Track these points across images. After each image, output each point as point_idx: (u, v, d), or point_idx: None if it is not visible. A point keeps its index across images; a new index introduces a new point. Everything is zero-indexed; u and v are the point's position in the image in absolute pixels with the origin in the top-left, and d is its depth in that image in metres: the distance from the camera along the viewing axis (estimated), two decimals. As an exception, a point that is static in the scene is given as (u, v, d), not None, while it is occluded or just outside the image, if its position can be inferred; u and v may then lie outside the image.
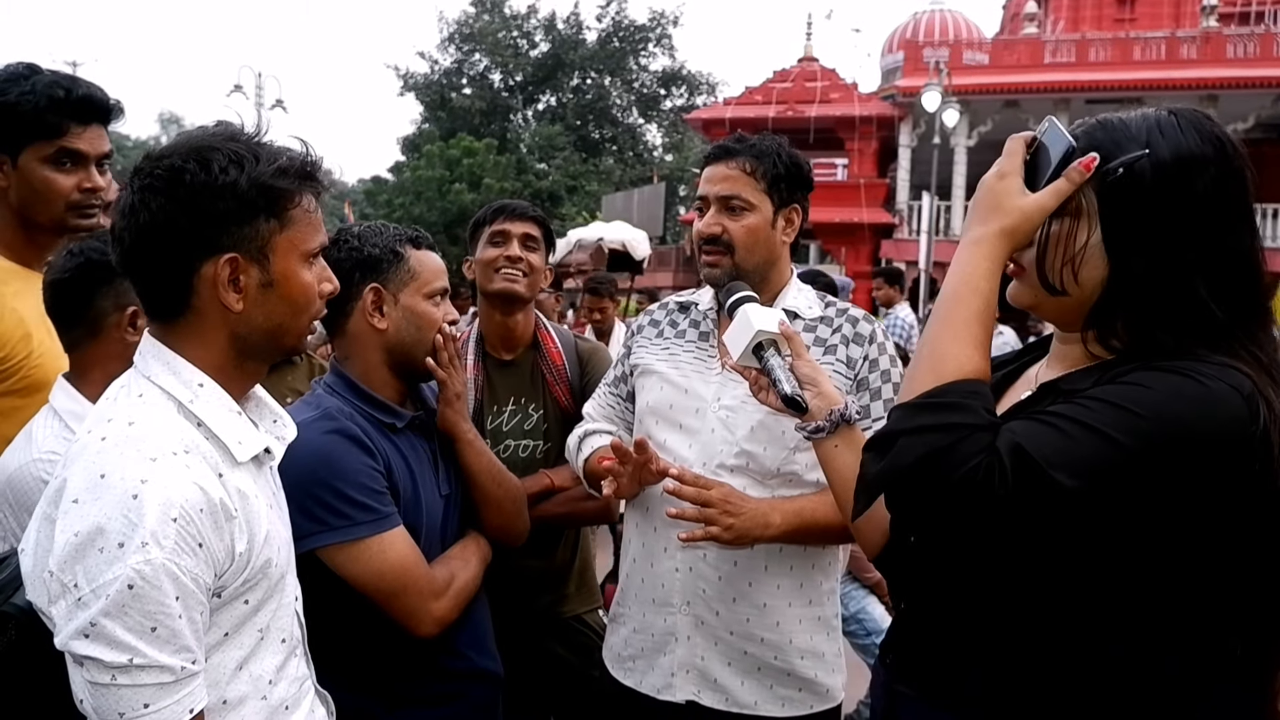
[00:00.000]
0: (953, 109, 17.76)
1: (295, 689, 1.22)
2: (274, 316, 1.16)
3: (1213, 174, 1.02)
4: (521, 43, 33.57)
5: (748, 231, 1.77)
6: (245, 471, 1.14)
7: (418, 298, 1.70)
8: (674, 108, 33.97)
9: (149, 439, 1.05)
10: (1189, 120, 1.05)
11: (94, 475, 1.02)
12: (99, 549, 0.98)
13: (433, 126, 32.87)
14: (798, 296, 1.85)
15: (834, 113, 21.72)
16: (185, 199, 1.08)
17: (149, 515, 0.99)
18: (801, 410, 1.41)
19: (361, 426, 1.61)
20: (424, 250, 1.74)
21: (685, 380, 1.82)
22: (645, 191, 23.61)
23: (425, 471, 1.72)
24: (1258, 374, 0.98)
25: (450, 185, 27.78)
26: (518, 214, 2.28)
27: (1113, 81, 18.60)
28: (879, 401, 1.75)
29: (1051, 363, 1.21)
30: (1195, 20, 20.82)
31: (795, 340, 1.48)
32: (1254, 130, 19.21)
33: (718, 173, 1.80)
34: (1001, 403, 1.22)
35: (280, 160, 1.13)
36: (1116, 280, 1.05)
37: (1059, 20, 22.69)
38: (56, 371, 1.67)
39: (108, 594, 0.97)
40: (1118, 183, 1.04)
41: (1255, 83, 18.46)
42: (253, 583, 1.12)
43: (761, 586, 1.74)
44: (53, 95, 1.65)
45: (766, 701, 1.75)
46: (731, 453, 1.73)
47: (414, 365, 1.70)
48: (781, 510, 1.65)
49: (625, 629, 1.88)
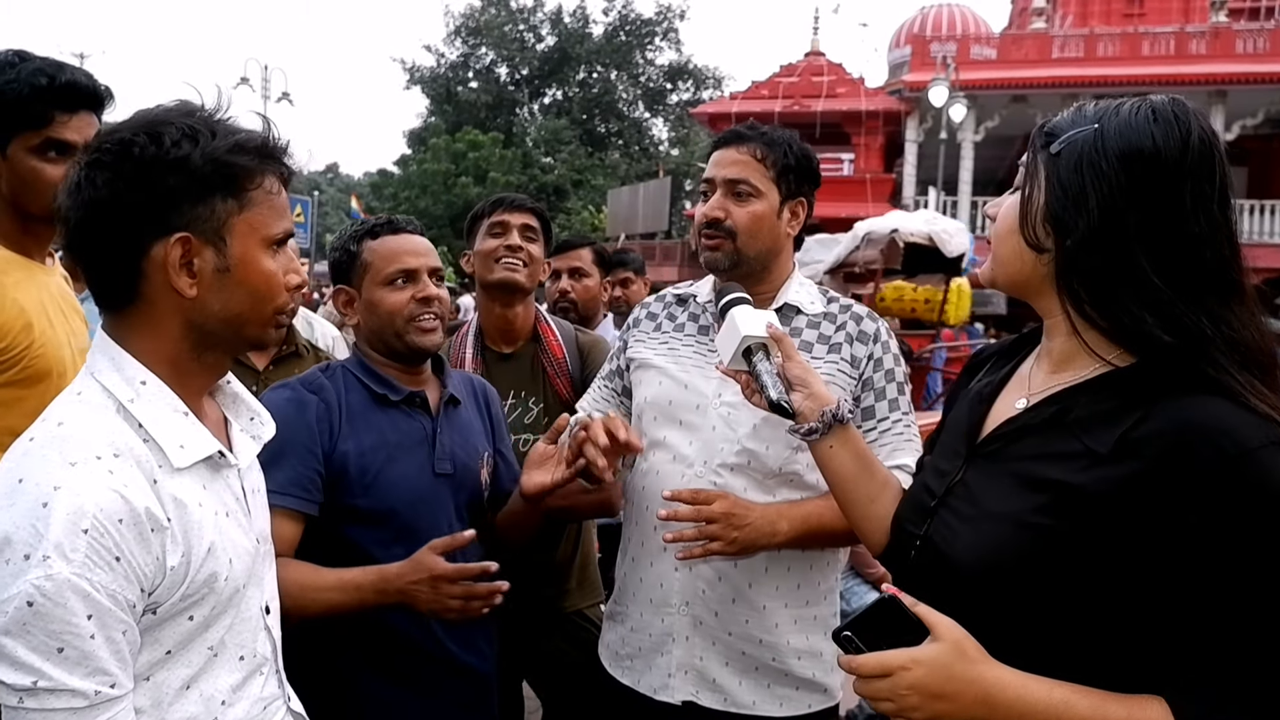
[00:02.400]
0: (960, 104, 17.70)
1: (258, 710, 1.12)
2: (232, 305, 1.06)
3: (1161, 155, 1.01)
4: (528, 36, 33.54)
5: (752, 218, 1.73)
6: (190, 477, 1.04)
7: (374, 288, 1.76)
8: (680, 102, 33.92)
9: (72, 440, 0.97)
10: (1151, 105, 1.05)
11: (13, 479, 0.95)
12: (5, 560, 0.90)
13: (439, 120, 32.89)
14: (799, 291, 1.81)
15: (840, 107, 21.66)
16: (132, 174, 1.00)
17: (55, 526, 0.90)
18: (789, 415, 1.39)
19: (339, 391, 1.71)
20: (380, 237, 1.77)
21: (685, 375, 1.79)
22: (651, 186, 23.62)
23: (415, 449, 1.73)
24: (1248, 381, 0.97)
25: (456, 179, 27.80)
26: (516, 205, 2.27)
27: (1121, 77, 18.50)
28: (884, 401, 1.72)
29: (1041, 359, 1.18)
30: (1204, 15, 20.71)
31: (785, 342, 1.44)
32: (1263, 125, 19.12)
33: (727, 156, 1.76)
34: (995, 409, 1.20)
35: (239, 136, 1.05)
36: (1061, 244, 1.06)
37: (1067, 15, 22.58)
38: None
39: (7, 611, 0.89)
40: (1060, 153, 1.06)
41: (1264, 78, 18.35)
42: (196, 598, 1.03)
43: (760, 588, 1.73)
44: (36, 83, 1.59)
45: (764, 701, 1.73)
46: (733, 451, 1.70)
47: (393, 346, 1.75)
48: (789, 518, 1.62)
49: (622, 627, 1.86)
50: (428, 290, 1.74)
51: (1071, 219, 1.04)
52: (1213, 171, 1.02)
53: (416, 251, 1.77)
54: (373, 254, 1.76)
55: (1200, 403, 0.97)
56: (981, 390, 1.25)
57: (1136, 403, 1.00)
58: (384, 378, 1.75)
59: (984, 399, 1.23)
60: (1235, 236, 1.04)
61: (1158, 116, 1.04)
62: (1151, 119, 1.03)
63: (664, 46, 34.04)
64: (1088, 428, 1.03)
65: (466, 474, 1.79)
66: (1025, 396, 1.15)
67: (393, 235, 1.78)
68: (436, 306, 1.76)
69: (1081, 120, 1.08)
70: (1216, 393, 0.97)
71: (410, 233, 1.80)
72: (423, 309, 1.73)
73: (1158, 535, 0.96)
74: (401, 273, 1.74)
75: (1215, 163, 1.03)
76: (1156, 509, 0.95)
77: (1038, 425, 1.10)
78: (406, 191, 29.58)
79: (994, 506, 1.09)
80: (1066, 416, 1.06)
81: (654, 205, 22.09)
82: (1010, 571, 1.04)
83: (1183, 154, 1.01)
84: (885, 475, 1.39)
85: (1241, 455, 0.92)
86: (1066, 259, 1.06)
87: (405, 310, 1.72)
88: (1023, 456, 1.09)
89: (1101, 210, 1.02)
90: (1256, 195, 19.30)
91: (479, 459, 1.83)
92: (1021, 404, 1.15)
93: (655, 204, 22.09)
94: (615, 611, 1.90)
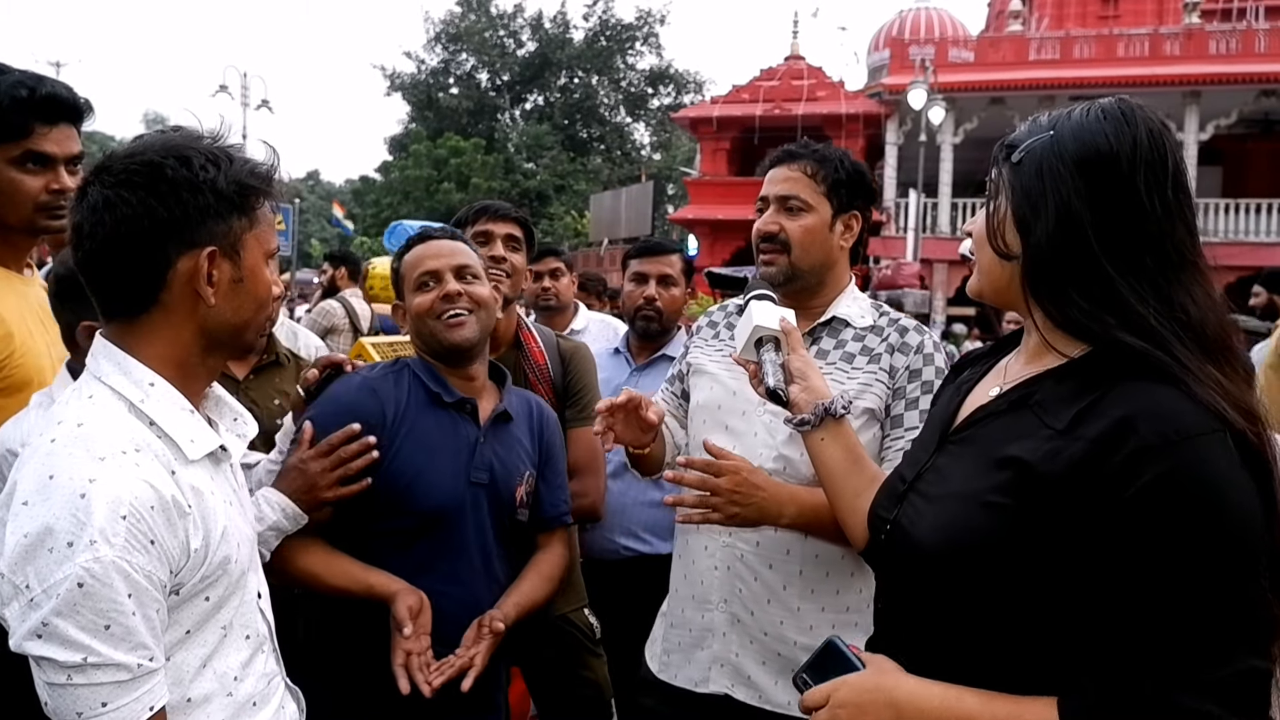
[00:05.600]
0: (939, 106, 17.82)
1: (263, 685, 1.23)
2: (241, 312, 1.19)
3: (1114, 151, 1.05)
4: (508, 42, 33.54)
5: (805, 231, 1.79)
6: (200, 469, 1.15)
7: (409, 295, 1.85)
8: (661, 106, 34.00)
9: (97, 439, 1.06)
10: (1101, 107, 1.09)
11: (43, 477, 1.02)
12: (49, 549, 0.99)
13: (420, 126, 32.82)
14: (851, 305, 1.85)
15: (821, 110, 21.76)
16: (168, 193, 1.10)
17: (97, 514, 1.00)
18: (780, 403, 1.46)
19: (406, 386, 1.80)
20: (412, 250, 1.89)
21: (735, 382, 1.83)
22: (634, 190, 23.64)
23: (457, 451, 1.77)
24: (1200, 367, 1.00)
25: (438, 185, 27.76)
26: (500, 214, 2.28)
27: (1097, 78, 18.68)
28: (915, 411, 1.73)
29: (1019, 354, 1.22)
30: (1178, 17, 20.95)
31: (793, 335, 1.51)
32: (1236, 125, 19.35)
33: (779, 174, 1.83)
34: (970, 398, 1.23)
35: (251, 162, 1.19)
36: (1025, 246, 1.10)
37: (1043, 18, 22.80)
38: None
39: (58, 593, 0.98)
40: (1020, 161, 1.11)
41: (1238, 78, 18.58)
42: (212, 579, 1.13)
43: (795, 591, 1.75)
44: (16, 95, 1.61)
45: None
46: (770, 456, 1.75)
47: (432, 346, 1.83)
48: (799, 502, 1.64)
49: (666, 624, 1.92)
50: (448, 287, 1.80)
51: (1032, 220, 1.08)
52: (1165, 159, 1.06)
53: (439, 254, 1.84)
54: (405, 266, 1.87)
55: (1148, 389, 0.99)
56: (960, 384, 1.29)
57: (1094, 385, 1.04)
58: (441, 379, 1.81)
59: (961, 391, 1.26)
60: (1192, 220, 1.07)
61: (1107, 116, 1.08)
62: (1102, 118, 1.08)
63: (645, 51, 34.16)
64: (1047, 408, 1.07)
65: (502, 487, 1.81)
66: (999, 386, 1.19)
67: (421, 244, 1.88)
68: (464, 301, 1.80)
69: (1037, 130, 1.12)
70: (1166, 381, 0.99)
71: (439, 238, 1.88)
72: (448, 305, 1.79)
73: (1094, 516, 0.98)
74: (427, 275, 1.82)
75: (1165, 151, 1.06)
76: (1096, 488, 0.98)
77: (1005, 410, 1.13)
78: (388, 198, 29.52)
79: (958, 486, 1.12)
80: (1030, 399, 1.10)
81: (637, 209, 22.11)
82: (969, 550, 1.07)
83: (1134, 148, 1.05)
84: (875, 473, 1.42)
85: (1182, 440, 0.95)
86: (1030, 259, 1.10)
87: (433, 310, 1.79)
88: (989, 438, 1.13)
89: (1059, 207, 1.06)
90: (1231, 194, 19.54)
91: (518, 476, 1.85)
92: (994, 392, 1.18)
93: (638, 208, 22.11)
94: (665, 610, 1.95)
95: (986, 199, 1.16)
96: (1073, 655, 1.02)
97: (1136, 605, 0.96)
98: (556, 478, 1.97)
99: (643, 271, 3.01)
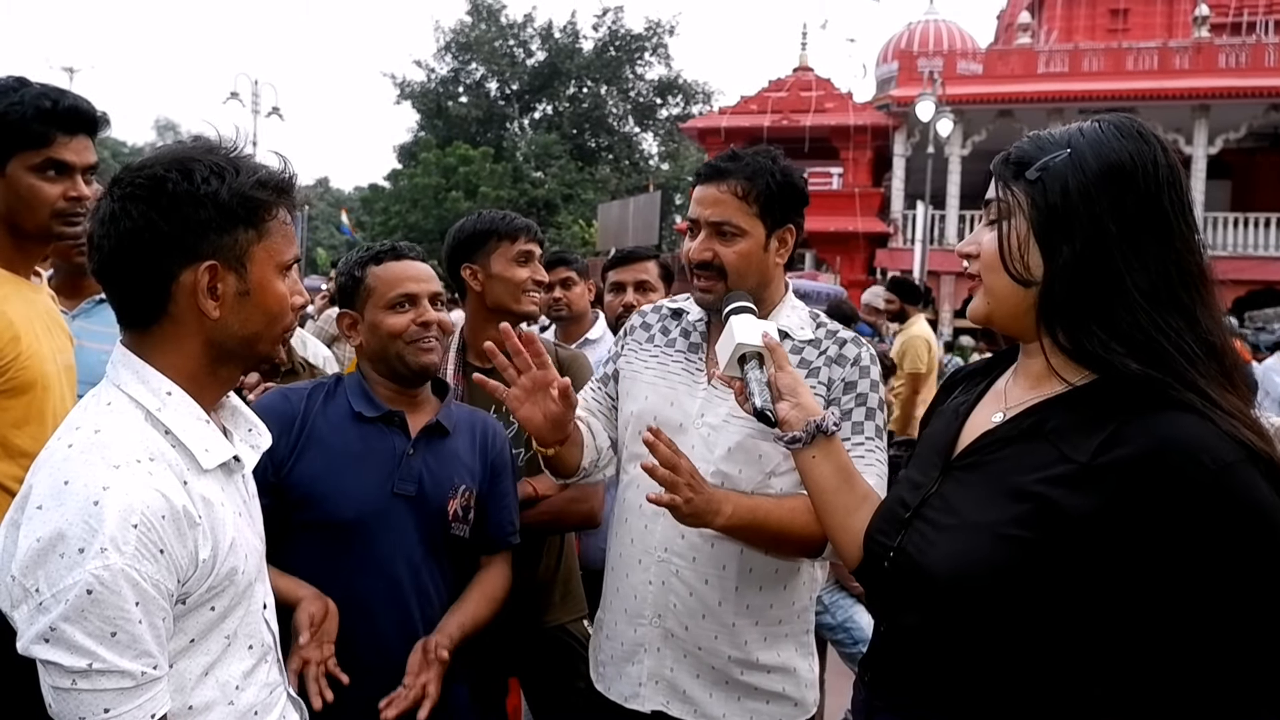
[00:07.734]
0: (947, 118, 17.82)
1: (265, 695, 1.23)
2: (249, 325, 1.18)
3: (1139, 168, 1.04)
4: (518, 51, 33.66)
5: (740, 257, 1.73)
6: (212, 479, 1.15)
7: (377, 311, 1.85)
8: (670, 117, 34.04)
9: (113, 446, 1.06)
10: (1113, 123, 1.08)
11: (58, 482, 1.03)
12: (60, 554, 1.00)
13: (429, 135, 32.93)
14: (790, 316, 1.81)
15: (829, 122, 21.80)
16: (168, 206, 1.10)
17: (109, 521, 1.00)
18: (770, 423, 1.42)
19: (316, 403, 1.82)
20: (384, 263, 1.87)
21: (672, 392, 1.80)
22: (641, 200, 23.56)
23: (380, 462, 1.78)
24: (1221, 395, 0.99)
25: (446, 193, 27.83)
26: (536, 235, 2.32)
27: (1106, 91, 18.68)
28: (847, 423, 1.70)
29: (1018, 376, 1.20)
30: (1187, 30, 20.95)
31: (778, 352, 1.47)
32: (1246, 139, 19.33)
33: (709, 195, 1.74)
34: (970, 423, 1.21)
35: (260, 173, 1.17)
36: (1050, 269, 1.07)
37: (1052, 31, 22.83)
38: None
39: (67, 599, 0.99)
40: (1039, 179, 1.07)
41: (1247, 92, 18.56)
42: (218, 590, 1.13)
43: (730, 605, 1.73)
44: (40, 106, 1.68)
45: (735, 714, 1.74)
46: (708, 471, 1.69)
47: (394, 367, 1.85)
48: (735, 503, 1.60)
49: (600, 635, 1.90)
50: (427, 315, 1.84)
51: (1061, 240, 1.05)
52: (1181, 179, 1.06)
53: (418, 278, 1.86)
54: (376, 279, 1.85)
55: (1170, 419, 0.98)
56: (957, 407, 1.26)
57: (1109, 414, 1.02)
58: (368, 394, 1.83)
59: (959, 415, 1.24)
60: (1201, 239, 1.07)
61: (1124, 133, 1.06)
62: (1118, 135, 1.06)
63: (653, 62, 34.19)
64: (1064, 436, 1.05)
65: (432, 499, 1.80)
66: (1002, 410, 1.17)
67: (396, 261, 1.87)
68: (435, 330, 1.84)
69: (1050, 145, 1.09)
70: (1183, 409, 0.98)
71: (413, 259, 1.89)
72: (423, 332, 1.83)
73: (1140, 553, 0.96)
74: (404, 297, 1.83)
75: (1179, 172, 1.06)
76: (1139, 527, 0.96)
77: (1016, 436, 1.11)
78: (397, 206, 29.60)
79: (973, 516, 1.10)
80: (1044, 427, 1.08)
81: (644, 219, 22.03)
82: (985, 581, 1.05)
83: (1155, 166, 1.04)
84: (866, 490, 1.40)
85: (1223, 470, 0.94)
86: (1052, 282, 1.07)
87: (406, 333, 1.81)
88: (1002, 467, 1.11)
89: (1091, 226, 1.03)
90: (1240, 208, 19.50)
91: (450, 489, 1.83)
92: (998, 418, 1.16)
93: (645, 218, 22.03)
94: (599, 619, 1.93)
95: (996, 221, 1.12)
96: (1089, 683, 1.01)
97: (1206, 637, 0.95)
98: (504, 498, 1.94)
99: (620, 280, 3.10)
